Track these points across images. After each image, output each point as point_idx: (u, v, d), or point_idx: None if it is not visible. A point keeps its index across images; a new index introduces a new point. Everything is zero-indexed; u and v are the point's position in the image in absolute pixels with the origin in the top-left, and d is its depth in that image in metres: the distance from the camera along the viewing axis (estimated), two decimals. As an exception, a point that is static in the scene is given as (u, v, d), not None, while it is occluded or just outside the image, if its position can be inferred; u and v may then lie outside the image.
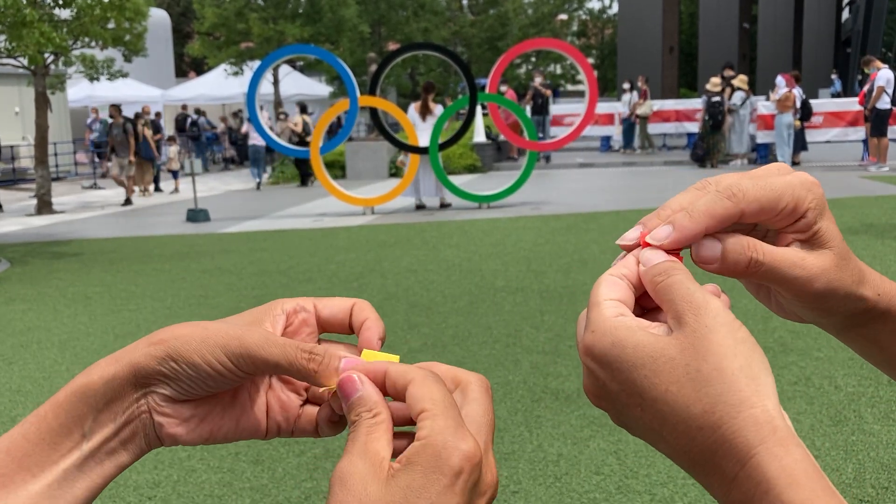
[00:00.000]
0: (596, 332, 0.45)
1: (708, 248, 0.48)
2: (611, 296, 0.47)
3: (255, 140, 17.40)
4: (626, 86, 20.47)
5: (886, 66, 14.42)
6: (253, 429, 0.53)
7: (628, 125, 20.27)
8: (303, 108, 18.04)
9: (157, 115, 22.59)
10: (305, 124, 17.43)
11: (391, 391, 0.47)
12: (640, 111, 19.88)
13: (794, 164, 15.91)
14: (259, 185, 17.79)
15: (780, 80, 15.53)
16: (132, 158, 15.84)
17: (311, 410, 0.54)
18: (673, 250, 0.48)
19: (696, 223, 0.47)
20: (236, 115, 25.76)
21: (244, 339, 0.48)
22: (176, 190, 17.99)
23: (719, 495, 0.42)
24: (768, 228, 0.52)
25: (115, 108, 16.47)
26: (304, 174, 17.49)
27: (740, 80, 16.49)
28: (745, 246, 0.48)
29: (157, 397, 0.49)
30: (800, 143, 16.11)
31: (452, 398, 0.44)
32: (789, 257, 0.48)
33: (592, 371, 0.46)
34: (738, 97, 16.32)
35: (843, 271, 0.50)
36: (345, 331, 0.54)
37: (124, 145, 15.81)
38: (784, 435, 0.40)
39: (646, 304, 0.49)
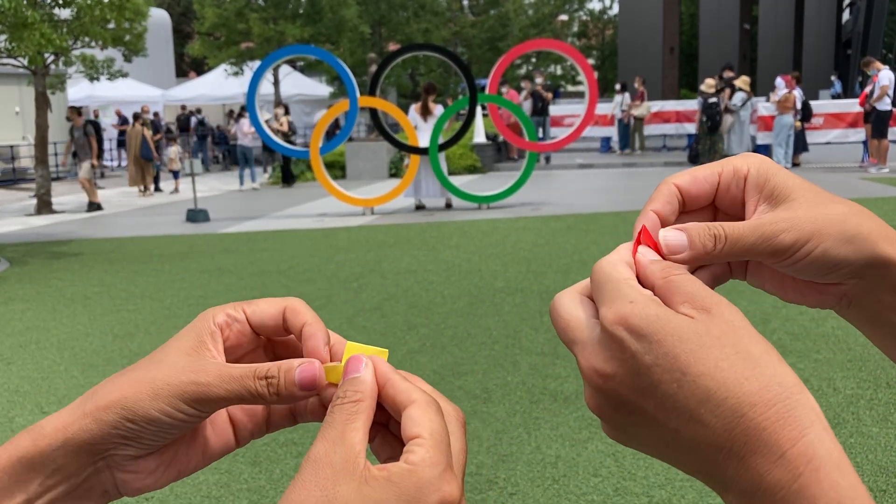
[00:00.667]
0: (636, 303, 0.44)
1: (673, 237, 0.49)
2: (633, 277, 0.47)
3: (243, 141, 17.68)
4: (618, 87, 20.52)
5: (886, 66, 14.41)
6: (220, 450, 0.52)
7: (623, 126, 20.32)
8: (286, 110, 18.27)
9: (156, 114, 22.64)
10: (290, 124, 17.58)
11: (388, 401, 0.45)
12: (636, 112, 19.89)
13: (795, 165, 15.92)
14: (242, 184, 17.91)
15: (779, 81, 15.55)
16: (95, 162, 15.01)
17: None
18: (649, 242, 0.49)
19: (644, 214, 0.50)
20: (231, 114, 25.88)
21: (199, 381, 0.46)
22: (176, 190, 17.99)
23: (752, 477, 0.41)
24: (738, 212, 0.53)
25: (74, 110, 15.46)
26: (288, 175, 17.60)
27: (742, 82, 16.48)
28: (707, 226, 0.49)
29: (118, 458, 0.47)
30: (800, 145, 16.12)
31: (448, 435, 0.43)
32: (748, 222, 0.49)
33: (622, 341, 0.43)
34: (738, 98, 16.31)
35: (817, 215, 0.49)
36: (280, 335, 0.52)
37: (86, 149, 14.97)
38: (827, 424, 0.41)
39: None
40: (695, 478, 0.44)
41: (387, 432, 0.48)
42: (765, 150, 16.42)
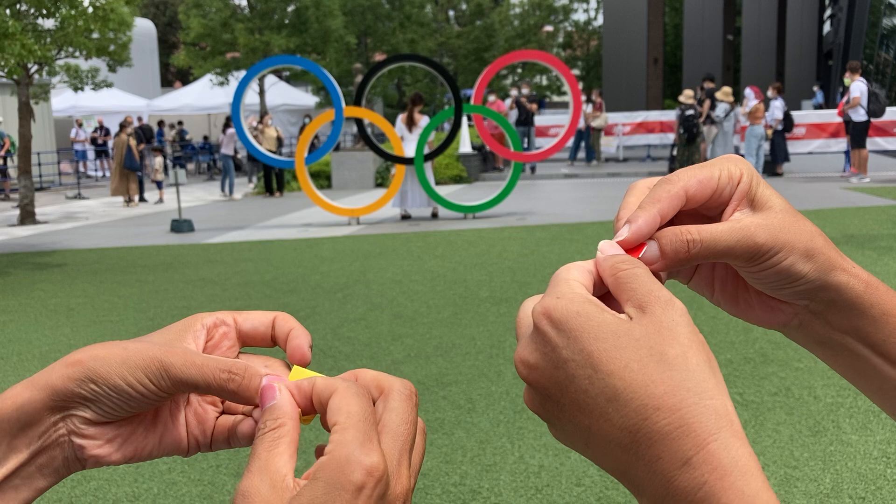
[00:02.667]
0: (562, 299, 0.45)
1: (646, 250, 0.49)
2: (580, 279, 0.47)
3: (227, 151, 17.88)
4: (583, 98, 20.74)
5: (861, 79, 14.56)
6: (175, 445, 0.52)
7: (581, 136, 20.46)
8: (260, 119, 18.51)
9: (140, 119, 22.65)
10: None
11: (317, 406, 0.46)
12: (594, 123, 20.13)
13: (777, 174, 16.06)
14: (222, 191, 18.05)
15: (749, 92, 15.74)
16: None
17: (225, 420, 0.53)
18: (633, 249, 0.49)
19: (647, 211, 0.49)
20: (180, 124, 25.99)
21: (164, 360, 0.48)
22: (160, 200, 17.92)
23: (660, 482, 0.42)
24: (715, 213, 0.53)
25: None
26: (270, 184, 17.65)
27: (723, 93, 16.63)
28: (678, 232, 0.49)
29: (77, 420, 0.48)
30: (782, 154, 16.26)
31: (371, 410, 0.44)
32: (725, 224, 0.50)
33: (545, 334, 0.45)
34: (721, 109, 16.45)
35: (791, 227, 0.51)
36: (267, 344, 0.54)
37: None
38: (739, 430, 0.41)
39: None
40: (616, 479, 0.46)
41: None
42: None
